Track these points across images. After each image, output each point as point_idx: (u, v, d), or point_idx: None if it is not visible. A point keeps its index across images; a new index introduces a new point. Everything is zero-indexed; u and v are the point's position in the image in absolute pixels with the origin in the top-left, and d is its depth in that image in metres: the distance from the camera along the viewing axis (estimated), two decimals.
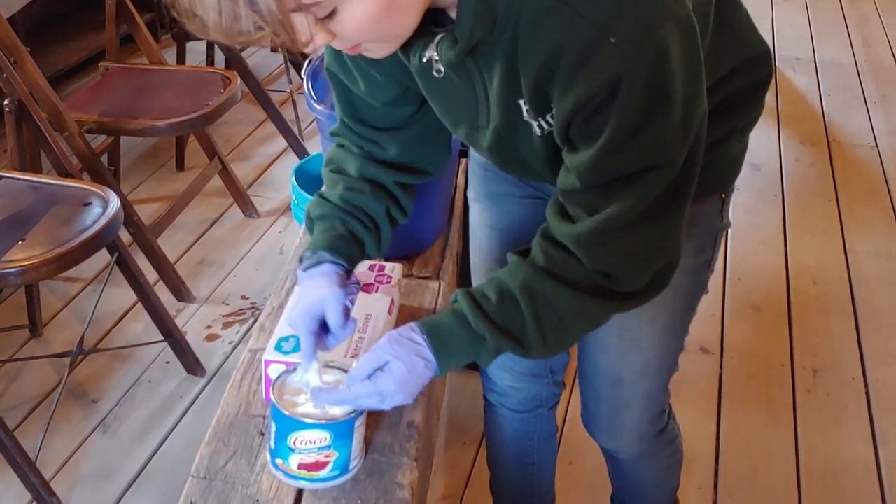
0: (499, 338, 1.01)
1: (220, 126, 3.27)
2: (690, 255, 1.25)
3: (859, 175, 3.16)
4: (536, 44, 0.89)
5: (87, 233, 1.82)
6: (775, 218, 2.89)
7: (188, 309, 2.46)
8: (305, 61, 1.62)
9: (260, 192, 3.01)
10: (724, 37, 1.03)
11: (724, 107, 1.09)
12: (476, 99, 1.01)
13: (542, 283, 0.99)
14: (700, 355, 2.30)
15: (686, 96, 0.89)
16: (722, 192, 1.23)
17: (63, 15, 3.82)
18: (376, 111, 1.16)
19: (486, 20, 0.89)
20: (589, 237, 0.97)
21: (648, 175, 0.92)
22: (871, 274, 2.63)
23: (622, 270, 0.99)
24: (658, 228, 0.97)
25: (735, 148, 1.19)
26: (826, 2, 4.68)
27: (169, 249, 2.55)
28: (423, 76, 1.04)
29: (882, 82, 3.81)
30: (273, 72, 3.86)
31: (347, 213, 1.17)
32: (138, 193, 2.97)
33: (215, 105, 2.44)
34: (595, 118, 0.89)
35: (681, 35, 0.86)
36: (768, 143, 3.33)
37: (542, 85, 0.92)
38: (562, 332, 1.03)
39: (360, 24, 0.85)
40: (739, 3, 1.07)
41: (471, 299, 1.02)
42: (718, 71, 1.05)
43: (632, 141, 0.89)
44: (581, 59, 0.86)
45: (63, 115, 2.22)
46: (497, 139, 1.03)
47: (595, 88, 0.87)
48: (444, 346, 1.02)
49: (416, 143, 1.19)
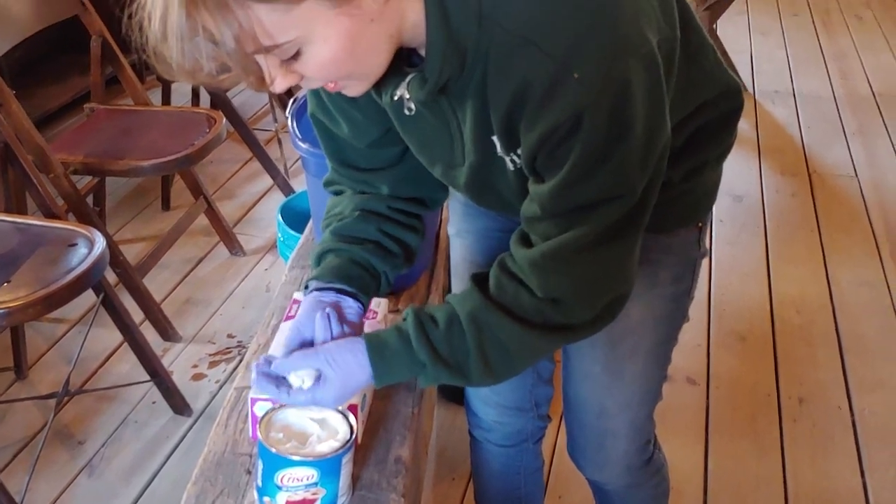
0: (439, 368, 1.02)
1: (206, 165, 3.29)
2: (670, 284, 1.27)
3: (840, 205, 3.19)
4: (505, 81, 0.90)
5: (72, 273, 1.82)
6: (758, 249, 2.92)
7: (174, 348, 2.45)
8: (291, 100, 1.63)
9: (246, 230, 3.02)
10: (691, 74, 1.04)
11: (696, 139, 1.11)
12: (451, 138, 1.03)
13: (490, 315, 1.00)
14: (686, 386, 2.31)
15: (647, 129, 0.91)
16: (699, 222, 1.25)
17: (48, 57, 3.83)
18: (362, 153, 1.18)
19: (454, 60, 0.91)
20: (543, 261, 0.98)
21: (608, 205, 0.94)
22: (854, 303, 2.65)
23: (573, 298, 1.00)
24: (612, 256, 0.99)
25: (709, 178, 1.21)
26: (803, 36, 4.76)
27: (155, 289, 2.55)
28: (396, 114, 1.06)
29: (860, 114, 3.86)
30: (258, 111, 3.88)
31: (342, 241, 1.18)
32: (124, 234, 2.97)
33: (200, 145, 2.45)
34: (559, 150, 0.91)
35: (643, 69, 0.88)
36: (750, 174, 3.37)
37: (511, 121, 0.93)
38: (506, 364, 1.04)
39: (323, 65, 0.87)
40: (706, 42, 1.09)
41: (418, 322, 1.02)
42: (687, 106, 1.07)
43: (593, 172, 0.91)
44: (546, 94, 0.88)
45: (48, 156, 2.23)
46: (473, 176, 1.05)
47: (558, 121, 0.88)
48: (385, 365, 1.03)
49: (408, 182, 1.21)
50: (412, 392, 1.29)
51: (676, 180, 1.14)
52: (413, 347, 1.02)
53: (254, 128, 3.33)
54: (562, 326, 1.02)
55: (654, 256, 1.22)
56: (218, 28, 0.81)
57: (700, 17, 3.45)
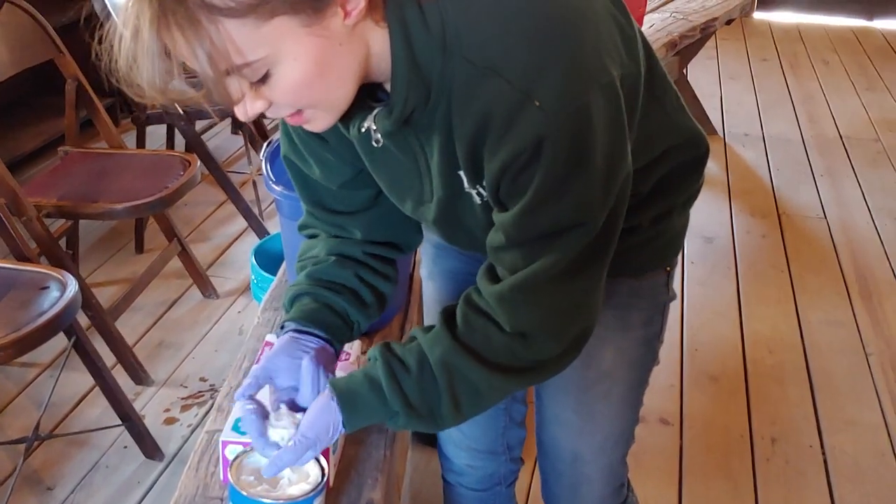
0: (411, 416, 1.03)
1: (180, 208, 3.28)
2: (640, 328, 1.28)
3: (810, 246, 3.24)
4: (468, 112, 0.92)
5: (44, 317, 1.81)
6: (729, 289, 2.95)
7: (146, 392, 2.43)
8: (265, 143, 1.64)
9: (219, 272, 3.02)
10: (656, 115, 1.07)
11: (663, 184, 1.13)
12: (419, 173, 1.04)
13: (460, 360, 1.01)
14: (660, 427, 2.32)
15: (608, 157, 0.92)
16: (667, 266, 1.26)
17: (22, 100, 3.84)
18: (335, 195, 1.18)
19: (419, 89, 0.92)
20: (511, 294, 0.98)
21: (571, 233, 0.94)
22: (825, 342, 2.68)
23: (541, 331, 1.00)
24: (578, 288, 0.99)
25: (678, 223, 1.22)
26: (772, 80, 4.85)
27: (127, 332, 2.53)
28: (365, 149, 1.07)
29: (828, 156, 3.93)
30: (233, 154, 3.89)
31: (318, 286, 1.18)
32: (97, 276, 2.96)
33: (175, 188, 2.45)
34: (521, 177, 0.92)
35: (604, 99, 0.89)
36: (720, 216, 3.41)
37: (475, 152, 0.94)
38: (476, 404, 1.04)
39: (292, 88, 0.88)
40: (670, 85, 1.11)
41: (389, 370, 1.02)
42: (653, 150, 1.09)
43: (555, 199, 0.92)
44: (507, 121, 0.89)
45: (21, 199, 2.23)
46: (442, 212, 1.06)
47: (519, 148, 0.89)
48: (356, 415, 1.04)
49: (381, 226, 1.21)
50: (384, 434, 1.29)
51: (645, 225, 1.16)
52: (385, 397, 1.02)
53: (228, 171, 3.33)
54: (530, 365, 1.02)
55: (625, 300, 1.23)
56: (189, 46, 0.81)
57: (670, 61, 3.53)
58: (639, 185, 1.10)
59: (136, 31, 0.82)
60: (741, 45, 5.36)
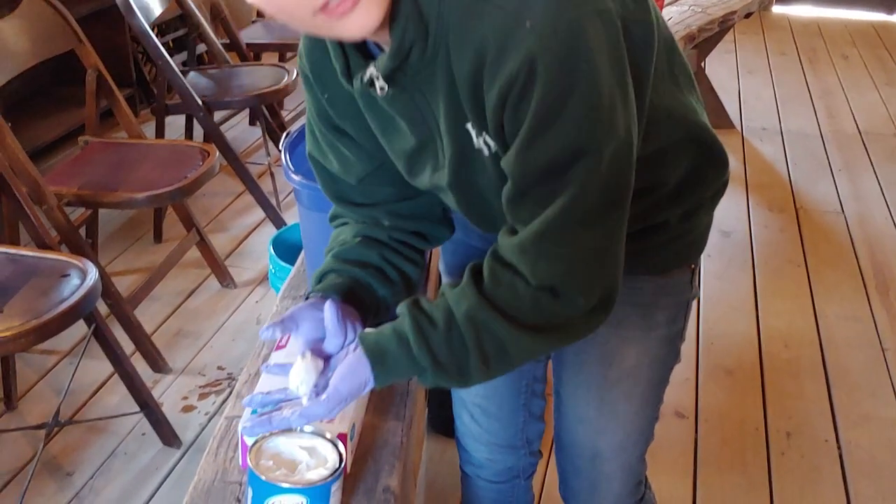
0: (439, 373, 1.02)
1: (199, 198, 3.31)
2: (663, 326, 1.28)
3: (827, 240, 3.23)
4: (465, 46, 0.91)
5: (64, 304, 1.83)
6: (746, 283, 2.94)
7: (164, 380, 2.45)
8: (284, 134, 1.66)
9: (237, 262, 3.04)
10: (673, 94, 1.06)
11: (689, 179, 1.13)
12: (431, 136, 1.03)
13: (486, 315, 0.99)
14: (675, 420, 2.32)
15: (609, 85, 0.90)
16: (691, 263, 1.26)
17: (43, 90, 3.87)
18: (356, 189, 1.19)
19: (417, 25, 0.91)
20: (531, 244, 0.97)
21: (575, 168, 0.91)
22: (841, 337, 2.67)
23: (567, 281, 0.98)
24: (597, 235, 0.97)
25: (704, 220, 1.22)
26: (790, 75, 4.82)
27: (146, 321, 2.56)
28: (373, 113, 1.07)
29: (846, 151, 3.91)
30: (251, 144, 3.91)
31: (343, 263, 1.19)
32: (116, 265, 2.98)
33: (193, 178, 2.47)
34: (520, 107, 0.90)
35: (599, 23, 0.88)
36: (737, 210, 3.40)
37: (476, 91, 0.93)
38: (505, 362, 1.03)
39: None
40: (690, 76, 1.11)
41: (417, 326, 1.02)
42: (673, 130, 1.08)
43: (553, 124, 0.90)
44: (500, 47, 0.88)
45: (42, 188, 2.25)
46: (454, 174, 1.04)
47: (513, 73, 0.88)
48: (386, 372, 1.04)
49: (407, 218, 1.21)
50: (401, 421, 1.30)
51: (673, 222, 1.16)
52: (413, 353, 1.02)
53: (247, 161, 3.36)
54: (558, 322, 1.01)
55: (650, 299, 1.24)
56: None
57: (688, 54, 3.52)
58: (664, 174, 1.10)
59: None
60: (760, 39, 5.34)
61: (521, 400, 1.47)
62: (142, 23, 2.85)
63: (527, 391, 1.47)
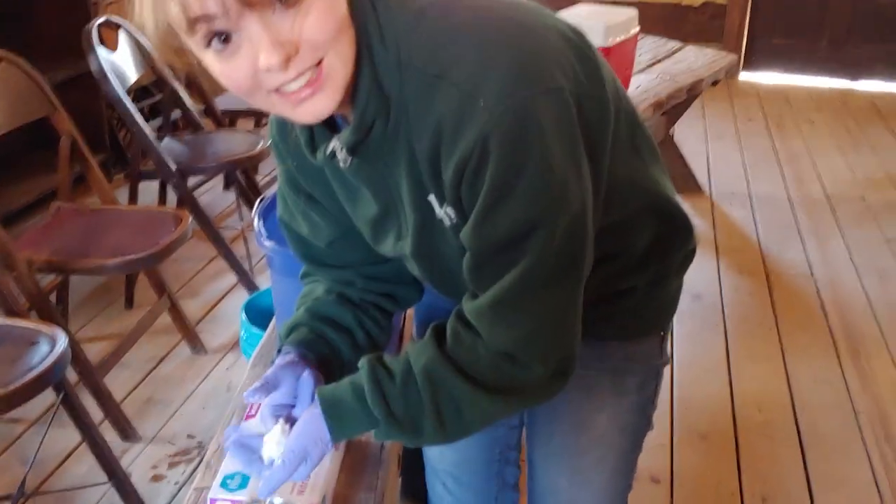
0: (393, 426, 1.02)
1: (171, 263, 3.28)
2: (634, 392, 1.28)
3: (797, 304, 3.25)
4: (424, 125, 0.93)
5: (33, 372, 1.80)
6: (718, 346, 2.96)
7: (133, 449, 2.41)
8: (258, 199, 1.66)
9: (209, 328, 3.01)
10: (635, 164, 1.08)
11: (656, 246, 1.14)
12: (395, 205, 1.05)
13: (445, 372, 1.00)
14: (650, 485, 2.31)
15: (561, 160, 0.91)
16: (661, 330, 1.27)
17: (15, 156, 3.86)
18: (326, 252, 1.20)
19: (378, 99, 0.94)
20: (488, 310, 0.98)
21: (529, 240, 0.93)
22: (814, 400, 2.68)
23: (522, 348, 0.99)
24: (552, 305, 0.98)
25: (672, 287, 1.23)
26: (758, 140, 4.91)
27: (115, 388, 2.52)
28: (338, 182, 1.09)
29: (814, 215, 3.97)
30: (225, 209, 3.91)
31: (316, 319, 1.20)
32: (86, 331, 2.95)
33: (166, 243, 2.46)
34: (476, 182, 0.92)
35: (551, 102, 0.90)
36: (708, 274, 3.43)
37: (435, 165, 0.95)
38: (459, 423, 1.03)
39: (325, 9, 0.87)
40: (652, 146, 1.13)
41: (374, 378, 1.03)
42: (636, 198, 1.09)
43: (507, 199, 0.91)
44: (456, 125, 0.90)
45: (13, 254, 2.23)
46: (417, 243, 1.05)
47: (468, 149, 0.90)
48: (340, 424, 1.04)
49: (377, 281, 1.22)
50: (373, 492, 1.29)
51: (642, 287, 1.17)
52: (368, 405, 1.02)
53: (220, 226, 3.35)
54: (516, 387, 1.02)
55: (620, 364, 1.24)
56: None
57: (657, 121, 3.58)
58: (629, 242, 1.11)
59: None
60: (728, 106, 5.44)
61: (494, 469, 1.46)
62: (116, 90, 2.87)
63: (500, 459, 1.46)
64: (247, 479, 1.16)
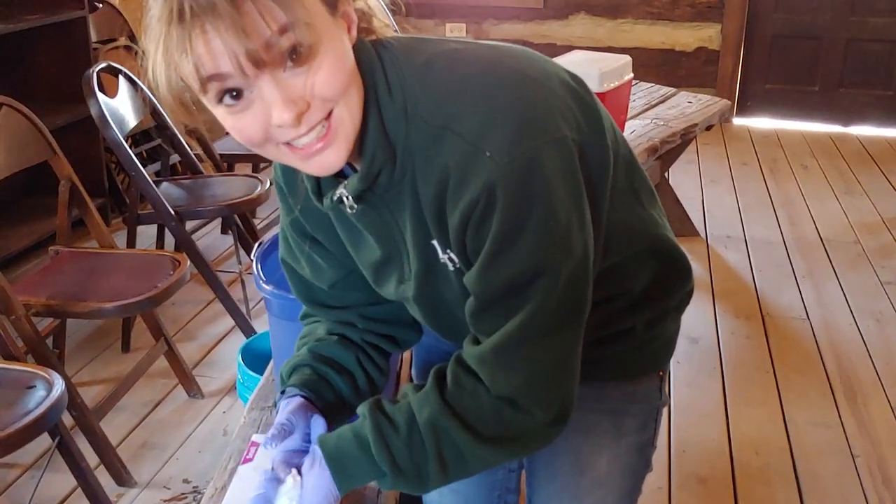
0: (398, 477, 1.03)
1: (168, 307, 3.29)
2: (633, 433, 1.28)
3: (793, 347, 3.26)
4: (429, 173, 0.95)
5: (29, 416, 1.80)
6: (715, 390, 2.96)
7: (129, 494, 2.40)
8: (256, 244, 1.67)
9: (205, 371, 3.01)
10: (634, 207, 1.10)
11: (654, 286, 1.15)
12: (398, 250, 1.07)
13: (448, 423, 1.01)
14: None
15: (566, 209, 0.94)
16: (660, 370, 1.28)
17: (14, 201, 3.88)
18: (328, 294, 1.21)
19: (385, 150, 0.96)
20: (490, 355, 0.99)
21: (533, 287, 0.95)
22: (811, 444, 2.68)
23: (524, 394, 1.00)
24: (554, 350, 1.00)
25: (670, 327, 1.24)
26: (752, 183, 4.94)
27: (111, 432, 2.51)
28: (343, 226, 1.10)
29: (809, 258, 3.99)
30: (223, 253, 3.92)
31: (318, 361, 1.20)
32: (82, 376, 2.94)
33: (163, 287, 2.47)
34: (481, 229, 0.94)
35: (555, 151, 0.93)
36: (704, 317, 3.44)
37: (440, 213, 0.97)
38: (463, 470, 1.04)
39: (334, 67, 0.89)
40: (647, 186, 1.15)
41: (378, 429, 1.03)
42: (634, 242, 1.11)
43: (512, 247, 0.93)
44: (462, 174, 0.92)
45: (10, 298, 2.24)
46: (420, 287, 1.07)
47: (474, 199, 0.92)
48: (346, 476, 1.04)
49: (378, 322, 1.23)
50: None
51: (640, 328, 1.18)
52: (374, 457, 1.03)
53: (218, 269, 3.36)
54: (516, 433, 1.03)
55: (619, 405, 1.25)
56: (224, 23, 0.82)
57: (651, 166, 3.61)
58: (627, 284, 1.13)
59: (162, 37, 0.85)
60: (721, 150, 5.48)
61: (495, 500, 1.46)
62: (116, 135, 2.89)
63: (499, 503, 1.46)
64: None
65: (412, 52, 0.98)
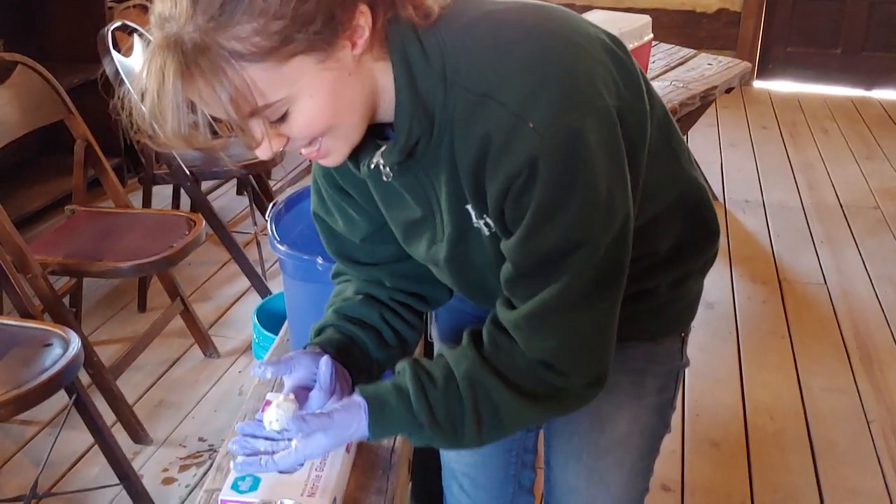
0: (435, 431, 1.04)
1: (184, 267, 3.30)
2: (654, 394, 1.28)
3: (810, 312, 3.24)
4: (469, 140, 0.95)
5: (46, 374, 1.81)
6: (731, 355, 2.95)
7: (145, 451, 2.42)
8: (271, 204, 1.67)
9: (221, 332, 3.02)
10: (671, 166, 1.10)
11: (680, 247, 1.15)
12: (431, 212, 1.06)
13: (485, 376, 1.02)
14: (661, 493, 2.30)
15: (608, 181, 0.94)
16: (681, 331, 1.27)
17: (30, 160, 3.89)
18: (360, 248, 1.22)
19: (422, 120, 0.95)
20: (524, 322, 1.00)
21: (573, 257, 0.95)
22: (826, 409, 2.67)
23: (560, 359, 1.01)
24: (589, 319, 1.01)
25: (694, 288, 1.24)
26: (771, 148, 4.89)
27: (128, 391, 2.53)
28: (378, 189, 1.10)
29: (827, 223, 3.96)
30: (238, 214, 3.92)
31: (342, 319, 1.21)
32: (99, 335, 2.96)
33: (179, 247, 2.47)
34: (522, 199, 0.94)
35: (598, 122, 0.92)
36: (721, 282, 3.42)
37: (477, 180, 0.97)
38: (497, 428, 1.05)
39: (308, 122, 0.92)
40: (683, 144, 1.14)
41: (418, 381, 1.04)
42: (668, 195, 1.11)
43: (554, 219, 0.94)
44: (504, 143, 0.92)
45: (27, 257, 2.25)
46: (452, 249, 1.07)
47: (516, 169, 0.92)
48: (382, 424, 1.05)
49: (408, 279, 1.24)
50: (383, 496, 1.29)
51: (663, 288, 1.17)
52: (413, 408, 1.03)
53: (233, 230, 3.36)
54: (553, 394, 1.03)
55: (640, 366, 1.24)
56: (214, 93, 0.85)
57: None
58: (656, 241, 1.12)
59: (160, 85, 0.86)
60: (741, 113, 5.43)
61: (511, 470, 1.47)
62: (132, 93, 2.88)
63: (517, 462, 1.46)
64: (257, 482, 1.17)
65: (451, 15, 0.96)
